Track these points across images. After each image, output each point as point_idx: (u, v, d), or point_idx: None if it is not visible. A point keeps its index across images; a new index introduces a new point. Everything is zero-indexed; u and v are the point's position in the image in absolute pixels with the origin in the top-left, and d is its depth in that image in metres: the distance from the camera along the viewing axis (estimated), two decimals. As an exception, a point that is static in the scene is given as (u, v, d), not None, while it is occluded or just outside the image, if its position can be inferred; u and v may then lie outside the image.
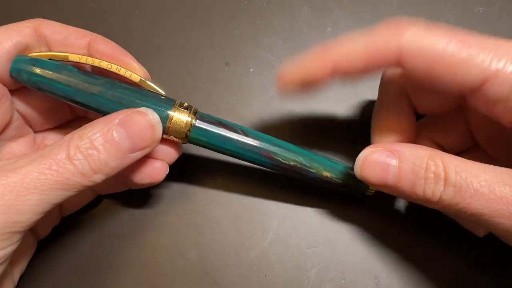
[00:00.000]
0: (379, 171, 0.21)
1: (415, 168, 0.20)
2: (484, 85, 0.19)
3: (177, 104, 0.23)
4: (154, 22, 0.32)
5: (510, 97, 0.19)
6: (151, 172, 0.23)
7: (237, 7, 0.33)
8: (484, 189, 0.19)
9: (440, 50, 0.19)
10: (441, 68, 0.19)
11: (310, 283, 0.26)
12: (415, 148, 0.21)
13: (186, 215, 0.27)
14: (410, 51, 0.20)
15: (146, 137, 0.21)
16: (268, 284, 0.26)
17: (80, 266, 0.26)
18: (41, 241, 0.25)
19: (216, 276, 0.26)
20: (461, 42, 0.19)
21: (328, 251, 0.26)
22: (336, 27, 0.32)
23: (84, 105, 0.22)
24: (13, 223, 0.18)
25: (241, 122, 0.29)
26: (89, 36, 0.23)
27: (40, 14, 0.33)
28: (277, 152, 0.23)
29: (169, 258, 0.26)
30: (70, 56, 0.22)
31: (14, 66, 0.22)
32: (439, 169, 0.20)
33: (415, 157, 0.20)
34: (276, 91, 0.24)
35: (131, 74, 0.23)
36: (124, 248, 0.27)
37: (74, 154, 0.19)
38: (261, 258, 0.26)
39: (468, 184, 0.19)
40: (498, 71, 0.18)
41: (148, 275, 0.26)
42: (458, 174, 0.19)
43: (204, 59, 0.31)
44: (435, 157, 0.20)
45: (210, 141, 0.23)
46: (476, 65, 0.19)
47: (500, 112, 0.20)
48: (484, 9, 0.32)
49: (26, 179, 0.18)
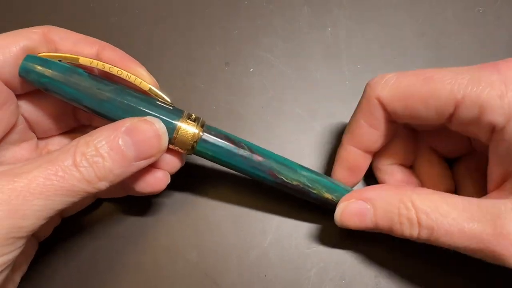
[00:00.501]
0: (357, 220, 0.23)
1: (389, 214, 0.22)
2: (456, 111, 0.21)
3: (185, 115, 0.22)
4: (154, 22, 0.32)
5: (480, 118, 0.20)
6: (152, 182, 0.23)
7: (237, 7, 0.33)
8: (453, 228, 0.20)
9: (410, 90, 0.22)
10: (416, 104, 0.21)
11: (310, 283, 0.26)
12: (386, 192, 0.22)
13: (186, 217, 0.27)
14: (385, 98, 0.22)
15: (152, 146, 0.21)
16: (268, 284, 0.26)
17: (81, 268, 0.26)
18: (42, 243, 0.25)
19: (217, 276, 0.26)
20: (427, 79, 0.21)
21: (328, 251, 0.26)
22: (336, 27, 0.32)
23: (91, 110, 0.22)
24: (18, 228, 0.18)
25: (241, 122, 0.29)
26: (98, 44, 0.23)
27: (40, 14, 0.33)
28: (281, 170, 0.23)
29: (169, 260, 0.26)
30: (80, 59, 0.22)
31: (24, 65, 0.21)
32: (411, 213, 0.21)
33: (387, 203, 0.22)
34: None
35: (140, 82, 0.22)
36: (125, 250, 0.27)
37: (80, 161, 0.19)
38: (261, 259, 0.26)
39: (439, 225, 0.20)
40: (465, 96, 0.20)
41: (148, 276, 0.26)
42: (429, 216, 0.21)
43: (204, 59, 0.31)
44: (405, 200, 0.21)
45: (215, 155, 0.23)
46: (445, 95, 0.21)
47: (476, 132, 0.21)
48: (484, 9, 0.32)
49: (32, 184, 0.18)
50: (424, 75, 0.21)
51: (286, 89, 0.30)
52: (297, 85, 0.30)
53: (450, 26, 0.32)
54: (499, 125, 0.20)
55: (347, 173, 0.25)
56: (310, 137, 0.29)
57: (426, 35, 0.31)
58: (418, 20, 0.32)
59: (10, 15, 0.33)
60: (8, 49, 0.21)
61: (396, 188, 0.22)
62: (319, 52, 0.31)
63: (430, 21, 0.32)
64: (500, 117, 0.20)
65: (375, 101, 0.23)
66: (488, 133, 0.21)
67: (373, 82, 0.23)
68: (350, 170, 0.25)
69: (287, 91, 0.30)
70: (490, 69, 0.21)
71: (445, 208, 0.20)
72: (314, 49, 0.31)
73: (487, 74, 0.20)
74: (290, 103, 0.30)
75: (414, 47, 0.31)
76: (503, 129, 0.20)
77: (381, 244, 0.26)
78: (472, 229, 0.20)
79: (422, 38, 0.31)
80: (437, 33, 0.31)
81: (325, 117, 0.30)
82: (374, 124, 0.24)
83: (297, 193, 0.24)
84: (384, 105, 0.23)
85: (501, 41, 0.31)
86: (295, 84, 0.30)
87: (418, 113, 0.22)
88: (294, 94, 0.30)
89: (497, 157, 0.21)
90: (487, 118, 0.20)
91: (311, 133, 0.29)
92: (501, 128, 0.20)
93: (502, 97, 0.20)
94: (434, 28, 0.32)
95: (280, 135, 0.29)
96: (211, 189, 0.28)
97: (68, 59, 0.22)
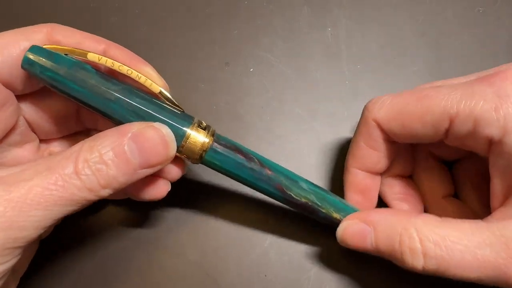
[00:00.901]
0: (357, 241, 0.22)
1: (390, 241, 0.21)
2: (451, 126, 0.21)
3: (195, 123, 0.21)
4: (154, 22, 0.32)
5: (475, 132, 0.20)
6: (152, 190, 0.23)
7: (237, 7, 0.33)
8: (466, 256, 0.19)
9: (406, 109, 0.22)
10: (412, 123, 0.21)
11: (310, 283, 0.26)
12: (389, 218, 0.22)
13: (187, 217, 0.27)
14: (382, 119, 0.22)
15: (159, 154, 0.20)
16: (268, 284, 0.26)
17: (81, 267, 0.26)
18: (43, 241, 0.25)
19: (217, 276, 0.26)
20: (422, 97, 0.21)
21: (328, 251, 0.26)
22: (336, 27, 0.32)
23: (96, 109, 0.21)
24: (14, 239, 0.17)
25: (241, 122, 0.29)
26: (104, 42, 0.22)
27: (40, 14, 0.33)
28: (290, 186, 0.23)
29: (170, 259, 0.26)
30: (89, 54, 0.21)
31: (27, 56, 0.20)
32: (414, 242, 0.20)
33: (388, 228, 0.21)
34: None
35: (151, 84, 0.21)
36: (125, 249, 0.27)
37: (82, 169, 0.18)
38: (261, 258, 0.26)
39: (450, 255, 0.19)
40: (459, 111, 0.20)
41: (149, 276, 0.26)
42: (438, 245, 0.20)
43: (204, 59, 0.31)
44: (408, 227, 0.21)
45: (223, 166, 0.22)
46: (439, 111, 0.21)
47: (474, 145, 0.21)
48: (484, 9, 0.32)
49: (29, 195, 0.17)
50: (418, 94, 0.22)
51: (286, 89, 0.30)
52: (297, 85, 0.30)
53: (450, 26, 0.32)
54: (496, 138, 0.20)
55: (359, 197, 0.25)
56: (310, 137, 0.29)
57: (426, 35, 0.31)
58: (418, 20, 0.32)
59: (10, 15, 0.33)
60: (7, 50, 0.20)
61: (402, 214, 0.22)
62: (319, 52, 0.31)
63: (430, 21, 0.32)
64: (496, 130, 0.19)
65: (373, 123, 0.23)
66: (485, 146, 0.21)
67: (369, 105, 0.23)
68: (361, 193, 0.25)
69: (287, 91, 0.30)
70: (484, 83, 0.20)
71: (454, 234, 0.20)
72: (314, 49, 0.31)
73: (481, 87, 0.20)
74: (290, 103, 0.30)
75: (414, 47, 0.31)
76: (500, 142, 0.20)
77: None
78: (485, 255, 0.19)
79: (422, 38, 0.31)
80: (437, 33, 0.31)
81: (325, 117, 0.30)
82: (374, 146, 0.24)
83: (305, 211, 0.24)
84: (381, 126, 0.23)
85: (501, 41, 0.31)
86: (295, 84, 0.30)
87: (415, 131, 0.22)
88: (294, 94, 0.30)
89: (498, 170, 0.21)
90: (482, 132, 0.20)
91: (311, 133, 0.29)
92: (498, 141, 0.20)
93: (496, 110, 0.19)
94: (434, 28, 0.32)
95: (280, 135, 0.29)
96: (212, 190, 0.28)
97: (76, 54, 0.21)
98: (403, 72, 0.31)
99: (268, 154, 0.26)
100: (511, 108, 0.19)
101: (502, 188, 0.21)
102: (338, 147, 0.29)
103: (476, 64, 0.30)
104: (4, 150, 0.23)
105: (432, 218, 0.21)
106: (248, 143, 0.29)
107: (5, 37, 0.21)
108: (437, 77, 0.30)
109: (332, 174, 0.28)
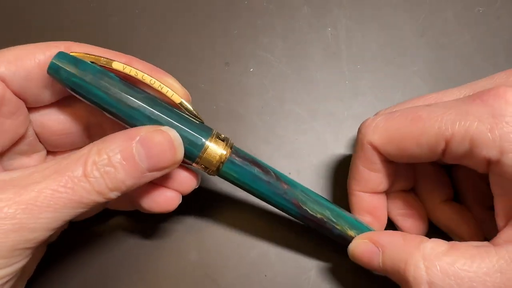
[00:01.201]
0: (366, 260, 0.22)
1: (396, 267, 0.21)
2: (447, 147, 0.21)
3: (214, 134, 0.22)
4: (154, 22, 0.32)
5: (472, 151, 0.20)
6: (162, 202, 0.23)
7: (237, 7, 0.33)
8: (476, 284, 0.19)
9: (400, 132, 0.22)
10: (408, 145, 0.21)
11: (310, 283, 0.26)
12: (396, 242, 0.22)
13: (187, 217, 0.27)
14: (377, 143, 0.22)
15: (167, 158, 0.20)
16: (268, 284, 0.26)
17: (85, 268, 0.26)
18: (50, 246, 0.25)
19: (217, 276, 0.26)
20: (415, 119, 0.21)
21: (328, 251, 0.26)
22: (336, 27, 0.32)
23: (117, 116, 0.21)
24: (25, 241, 0.18)
25: (241, 122, 0.29)
26: (124, 57, 0.22)
27: (40, 14, 0.33)
28: (306, 201, 0.23)
29: (170, 259, 0.26)
30: (114, 63, 0.21)
31: (54, 62, 0.20)
32: (419, 271, 0.20)
33: (395, 254, 0.21)
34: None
35: (172, 94, 0.21)
36: (126, 250, 0.27)
37: (91, 172, 0.18)
38: (261, 258, 0.26)
39: (458, 283, 0.19)
40: (454, 132, 0.20)
41: (149, 276, 0.26)
42: (445, 273, 0.19)
43: (204, 59, 0.31)
44: (415, 254, 0.20)
45: (240, 178, 0.22)
46: (434, 133, 0.20)
47: (472, 165, 0.21)
48: (484, 9, 0.32)
49: (39, 197, 0.18)
50: (412, 115, 0.21)
51: (286, 89, 0.30)
52: (297, 85, 0.30)
53: (450, 26, 0.32)
54: (493, 158, 0.19)
55: (368, 218, 0.25)
56: (310, 137, 0.29)
57: (426, 35, 0.31)
58: (418, 20, 0.32)
59: (9, 14, 0.33)
60: (22, 61, 0.21)
61: (409, 240, 0.22)
62: (319, 52, 0.31)
63: (430, 21, 0.32)
64: (493, 150, 0.19)
65: (369, 146, 0.23)
66: (484, 166, 0.20)
67: (363, 127, 0.23)
68: (369, 214, 0.25)
69: (287, 91, 0.30)
70: (477, 101, 0.20)
71: (463, 262, 0.19)
72: (314, 49, 0.31)
73: (474, 107, 0.20)
74: (290, 103, 0.30)
75: (414, 47, 0.31)
76: (498, 162, 0.19)
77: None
78: (496, 283, 0.19)
79: (422, 38, 0.31)
80: (437, 33, 0.31)
81: (325, 117, 0.30)
82: (374, 168, 0.23)
83: (319, 228, 0.24)
84: (377, 149, 0.23)
85: (501, 41, 0.31)
86: (295, 84, 0.30)
87: (412, 152, 0.22)
88: (294, 94, 0.30)
89: (499, 189, 0.21)
90: (480, 153, 0.20)
91: (311, 133, 0.29)
92: (496, 161, 0.19)
93: (491, 131, 0.19)
94: (434, 28, 0.32)
95: (280, 135, 0.29)
96: (212, 192, 0.28)
97: (101, 62, 0.21)
98: (403, 72, 0.31)
99: (268, 154, 0.26)
100: (506, 128, 0.19)
101: (505, 206, 0.21)
102: (338, 147, 0.29)
103: (476, 64, 0.30)
104: (11, 158, 0.23)
105: (440, 244, 0.21)
106: (248, 143, 0.29)
107: (22, 49, 0.21)
108: (437, 77, 0.30)
109: (332, 174, 0.28)
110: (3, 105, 0.21)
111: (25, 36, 0.32)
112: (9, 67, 0.20)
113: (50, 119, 0.23)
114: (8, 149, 0.22)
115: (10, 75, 0.20)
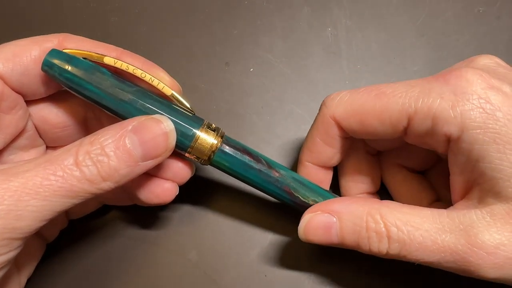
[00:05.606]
0: (321, 234, 0.22)
1: (356, 228, 0.21)
2: (410, 124, 0.21)
3: (205, 125, 0.22)
4: (154, 22, 0.32)
5: (434, 130, 0.20)
6: (160, 193, 0.23)
7: (237, 7, 0.33)
8: (427, 241, 0.20)
9: (364, 107, 0.22)
10: (370, 120, 0.22)
11: (310, 283, 0.26)
12: (352, 205, 0.22)
13: (186, 216, 0.27)
14: (340, 116, 0.22)
15: (159, 145, 0.20)
16: (268, 284, 0.26)
17: (85, 268, 0.26)
18: (50, 245, 0.25)
19: (217, 276, 0.26)
20: (379, 95, 0.21)
21: (328, 251, 0.26)
22: (336, 27, 0.32)
23: (110, 110, 0.22)
24: (11, 229, 0.17)
25: (241, 122, 0.29)
26: (115, 50, 0.23)
27: (40, 14, 0.33)
28: (298, 188, 0.23)
29: (169, 259, 0.26)
30: (105, 58, 0.22)
31: (48, 59, 0.21)
32: (379, 226, 0.21)
33: (353, 216, 0.21)
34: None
35: (163, 87, 0.22)
36: (126, 249, 0.27)
37: (83, 160, 0.18)
38: (261, 258, 0.26)
39: (411, 238, 0.20)
40: (417, 109, 0.20)
41: (148, 276, 0.26)
42: (400, 229, 0.20)
43: (204, 59, 0.31)
44: (373, 213, 0.21)
45: (232, 167, 0.23)
46: (397, 110, 0.21)
47: (433, 143, 0.21)
48: (484, 9, 0.32)
49: (28, 184, 0.17)
50: (376, 91, 0.22)
51: (286, 89, 0.30)
52: (297, 85, 0.30)
53: (450, 26, 0.32)
54: (454, 135, 0.20)
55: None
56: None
57: (426, 35, 0.31)
58: (418, 20, 0.32)
59: (9, 14, 0.33)
60: (19, 58, 0.21)
61: (364, 201, 0.22)
62: (319, 52, 0.31)
63: (430, 21, 0.32)
64: (453, 127, 0.20)
65: (331, 120, 0.23)
66: (444, 144, 0.21)
67: (327, 100, 0.23)
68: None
69: (287, 91, 0.30)
70: (440, 80, 0.20)
71: (416, 221, 0.20)
72: (314, 49, 0.31)
73: (437, 85, 0.20)
74: (290, 103, 0.30)
75: (414, 47, 0.31)
76: (458, 139, 0.20)
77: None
78: (445, 241, 0.20)
79: (422, 38, 0.31)
80: (437, 33, 0.31)
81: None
82: (330, 142, 0.24)
83: None
84: (339, 123, 0.23)
85: (501, 41, 0.31)
86: (295, 84, 0.30)
87: (373, 128, 0.22)
88: (294, 94, 0.30)
89: (457, 167, 0.21)
90: (441, 130, 0.20)
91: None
92: (456, 138, 0.20)
93: (453, 108, 0.19)
94: (434, 28, 0.32)
95: (280, 135, 0.29)
96: (211, 189, 0.28)
97: (93, 58, 0.22)
98: (403, 72, 0.31)
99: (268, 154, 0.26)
100: (467, 105, 0.19)
101: (462, 183, 0.21)
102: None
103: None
104: (11, 154, 0.23)
105: (395, 204, 0.21)
106: (248, 143, 0.29)
107: (18, 45, 0.22)
108: (437, 77, 0.30)
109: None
110: (2, 101, 0.21)
111: (25, 36, 0.31)
112: (7, 64, 0.21)
113: (49, 112, 0.23)
114: (8, 144, 0.22)
115: (8, 71, 0.21)
